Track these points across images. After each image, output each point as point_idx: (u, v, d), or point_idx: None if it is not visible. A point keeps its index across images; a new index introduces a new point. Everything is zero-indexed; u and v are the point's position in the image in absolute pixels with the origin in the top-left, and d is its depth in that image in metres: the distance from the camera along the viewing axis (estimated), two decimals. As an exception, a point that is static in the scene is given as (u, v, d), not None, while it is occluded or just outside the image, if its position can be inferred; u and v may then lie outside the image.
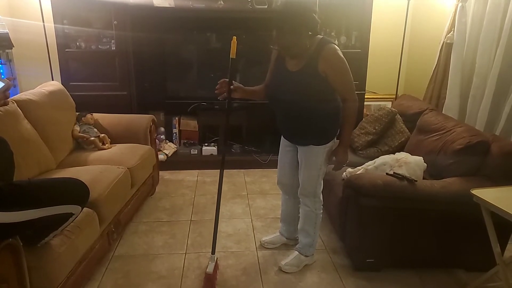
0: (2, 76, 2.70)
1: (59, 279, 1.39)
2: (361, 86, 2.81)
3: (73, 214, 1.40)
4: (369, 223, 1.70)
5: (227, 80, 1.58)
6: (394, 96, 3.13)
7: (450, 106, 2.43)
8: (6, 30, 2.58)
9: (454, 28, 2.38)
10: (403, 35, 3.05)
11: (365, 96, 2.92)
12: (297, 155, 1.70)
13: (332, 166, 1.72)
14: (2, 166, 1.40)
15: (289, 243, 1.95)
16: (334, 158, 1.66)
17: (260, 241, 1.98)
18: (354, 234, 1.78)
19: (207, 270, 1.67)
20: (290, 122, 1.63)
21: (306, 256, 1.80)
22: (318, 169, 1.65)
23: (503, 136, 2.07)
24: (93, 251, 1.66)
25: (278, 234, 1.98)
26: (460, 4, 2.32)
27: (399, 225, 1.70)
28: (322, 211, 1.76)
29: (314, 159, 1.64)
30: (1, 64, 2.65)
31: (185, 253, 1.91)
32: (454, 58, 2.38)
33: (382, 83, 3.15)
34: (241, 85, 1.62)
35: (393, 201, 1.65)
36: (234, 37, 1.52)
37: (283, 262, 1.78)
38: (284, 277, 1.75)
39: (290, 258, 1.80)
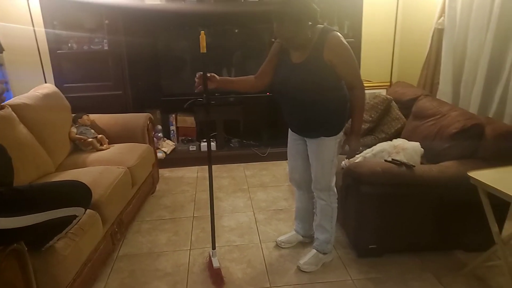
0: (-6, 81, 2.66)
1: (66, 281, 1.40)
2: (356, 75, 2.83)
3: (77, 216, 1.40)
4: (370, 210, 1.72)
5: (202, 73, 1.56)
6: (388, 84, 3.15)
7: (444, 91, 2.45)
8: (-4, 35, 2.54)
9: (445, 13, 2.39)
10: (395, 22, 3.06)
11: (360, 85, 2.95)
12: (307, 148, 1.68)
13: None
14: (2, 172, 1.40)
15: (305, 240, 1.92)
16: (346, 146, 1.66)
17: (276, 241, 1.94)
18: (355, 222, 1.81)
19: (214, 265, 1.69)
20: (298, 114, 1.61)
21: (324, 253, 1.77)
22: (331, 161, 1.63)
23: (496, 119, 2.10)
24: (98, 252, 1.67)
25: (294, 232, 1.95)
26: (450, -11, 2.33)
27: (399, 211, 1.72)
28: (337, 204, 1.73)
29: (326, 151, 1.61)
30: (-8, 69, 2.62)
31: (190, 249, 1.93)
32: (446, 43, 2.39)
33: (376, 71, 3.17)
34: (215, 75, 1.60)
35: (392, 187, 1.68)
36: (202, 32, 1.51)
37: (301, 261, 1.75)
38: (289, 267, 1.78)
39: (308, 256, 1.77)
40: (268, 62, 1.67)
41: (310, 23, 1.46)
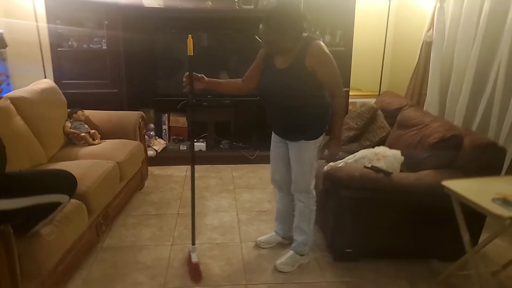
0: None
1: (48, 266, 1.45)
2: (346, 83, 2.88)
3: (61, 203, 1.46)
4: (347, 214, 1.76)
5: (188, 73, 1.64)
6: (378, 93, 3.20)
7: (431, 102, 2.51)
8: (1, 30, 2.64)
9: (433, 27, 2.46)
10: (385, 33, 3.13)
11: (350, 93, 2.99)
12: (288, 151, 1.73)
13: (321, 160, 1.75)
14: (-6, 159, 1.47)
15: (285, 242, 1.95)
16: (326, 151, 1.71)
17: (256, 241, 1.97)
18: (333, 225, 1.84)
19: (193, 260, 1.74)
20: (281, 118, 1.67)
21: (301, 255, 1.80)
22: (310, 164, 1.68)
23: (479, 131, 2.14)
24: (82, 242, 1.72)
25: (274, 233, 1.99)
26: (438, 5, 2.40)
27: (376, 216, 1.76)
28: (316, 207, 1.77)
29: (306, 154, 1.66)
30: (-5, 63, 2.72)
31: (172, 245, 1.98)
32: (434, 56, 2.45)
33: (366, 80, 3.23)
34: (204, 76, 1.67)
35: (369, 192, 1.72)
36: (190, 36, 1.59)
37: (278, 261, 1.79)
38: (266, 266, 1.81)
39: (285, 257, 1.80)
40: (255, 67, 1.73)
41: (294, 35, 1.52)
